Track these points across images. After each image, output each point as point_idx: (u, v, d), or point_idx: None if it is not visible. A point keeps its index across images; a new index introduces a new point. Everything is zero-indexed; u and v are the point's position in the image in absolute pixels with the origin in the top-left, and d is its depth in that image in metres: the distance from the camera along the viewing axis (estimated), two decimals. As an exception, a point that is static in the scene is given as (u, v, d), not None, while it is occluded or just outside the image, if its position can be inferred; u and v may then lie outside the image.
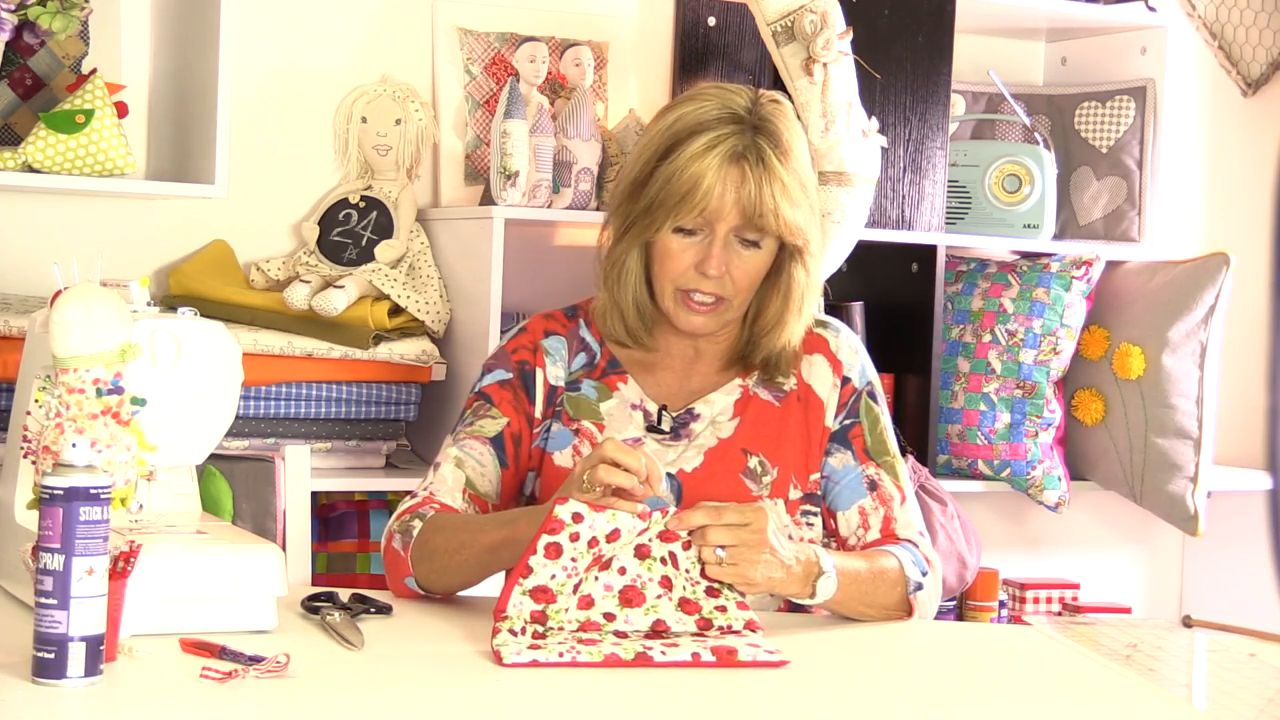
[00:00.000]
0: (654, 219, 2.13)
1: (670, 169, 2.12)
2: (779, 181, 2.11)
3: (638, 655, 1.84)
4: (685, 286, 2.16)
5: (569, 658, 1.81)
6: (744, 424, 2.22)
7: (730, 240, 2.13)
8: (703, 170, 2.10)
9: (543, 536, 1.90)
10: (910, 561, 2.14)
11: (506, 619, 1.88)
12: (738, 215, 2.12)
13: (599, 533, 1.90)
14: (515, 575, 1.90)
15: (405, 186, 3.14)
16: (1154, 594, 3.94)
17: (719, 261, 2.13)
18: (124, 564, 1.76)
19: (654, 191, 2.13)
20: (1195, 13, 3.90)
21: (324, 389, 2.99)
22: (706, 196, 2.10)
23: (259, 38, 3.14)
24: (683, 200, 2.10)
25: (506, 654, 1.81)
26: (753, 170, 2.11)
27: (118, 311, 1.84)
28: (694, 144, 2.11)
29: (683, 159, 2.11)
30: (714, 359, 2.26)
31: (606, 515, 1.91)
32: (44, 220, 3.01)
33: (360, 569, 3.03)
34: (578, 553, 1.90)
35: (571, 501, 1.91)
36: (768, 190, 2.10)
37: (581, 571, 1.91)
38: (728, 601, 1.95)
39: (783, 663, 1.86)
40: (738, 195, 2.10)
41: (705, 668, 1.84)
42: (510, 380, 2.25)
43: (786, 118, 2.17)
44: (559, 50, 3.29)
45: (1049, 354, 3.42)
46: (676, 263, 2.15)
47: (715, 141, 2.11)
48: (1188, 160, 3.91)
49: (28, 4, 2.78)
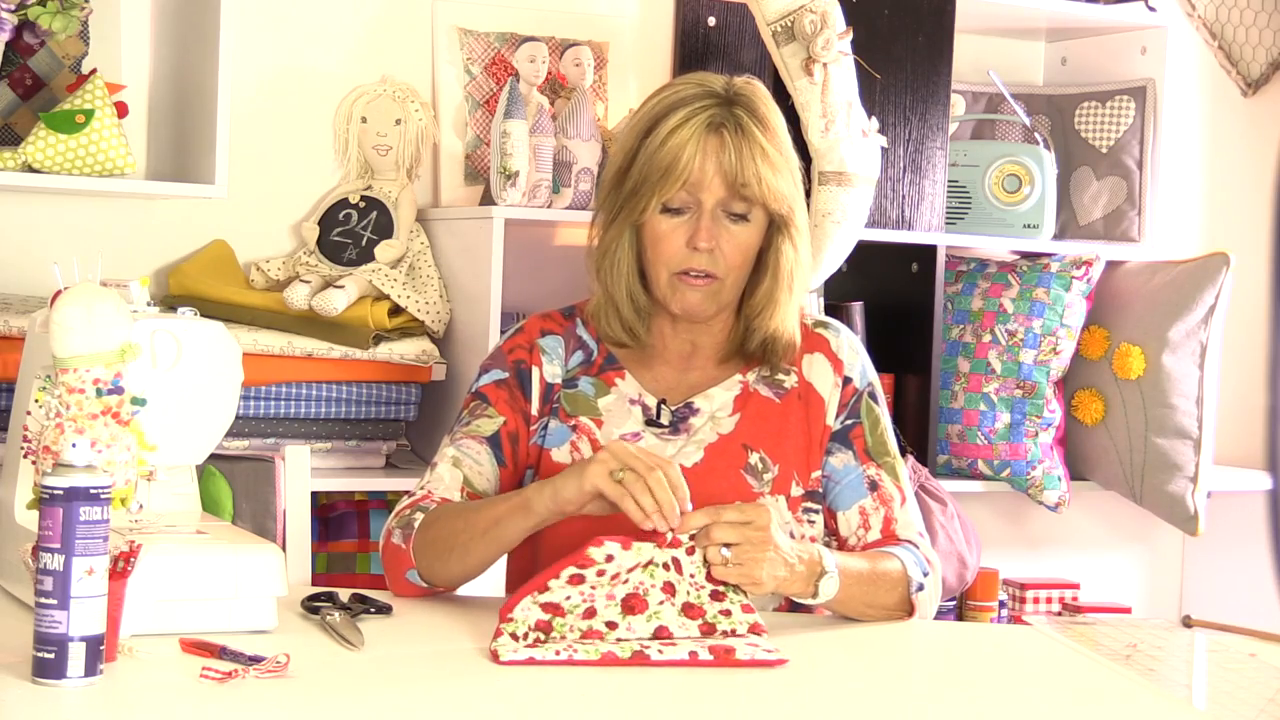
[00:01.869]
0: (640, 199, 2.16)
1: (650, 147, 2.15)
2: (758, 146, 2.15)
3: (634, 654, 1.84)
4: (679, 268, 2.17)
5: (565, 656, 1.82)
6: (744, 420, 2.22)
7: (719, 215, 2.16)
8: (682, 142, 2.13)
9: (569, 567, 1.90)
10: (912, 562, 2.15)
11: (511, 622, 1.87)
12: (722, 184, 2.14)
13: (622, 566, 1.92)
14: (530, 587, 1.90)
15: (405, 186, 3.14)
16: (1154, 594, 3.94)
17: (708, 233, 2.15)
18: (124, 564, 1.76)
19: (637, 172, 2.16)
20: (1195, 13, 3.90)
21: (324, 389, 2.99)
22: (688, 167, 2.13)
23: (259, 38, 3.14)
24: (665, 174, 2.13)
25: (503, 652, 1.82)
26: (732, 138, 2.14)
27: (118, 311, 1.84)
28: (672, 119, 2.15)
29: (662, 134, 2.15)
30: (711, 351, 2.26)
31: (633, 551, 1.92)
32: (44, 220, 3.00)
33: (360, 569, 3.03)
34: (598, 584, 1.91)
35: (607, 544, 1.91)
36: (748, 154, 2.14)
37: (596, 598, 1.92)
38: (732, 605, 1.94)
39: (780, 661, 1.86)
40: (719, 163, 2.13)
41: (703, 666, 1.84)
42: (507, 380, 2.25)
43: (762, 95, 2.21)
44: (559, 50, 3.28)
45: (1049, 354, 3.42)
46: (668, 244, 2.16)
47: (692, 114, 2.15)
48: (1188, 160, 3.91)
49: (28, 4, 2.78)
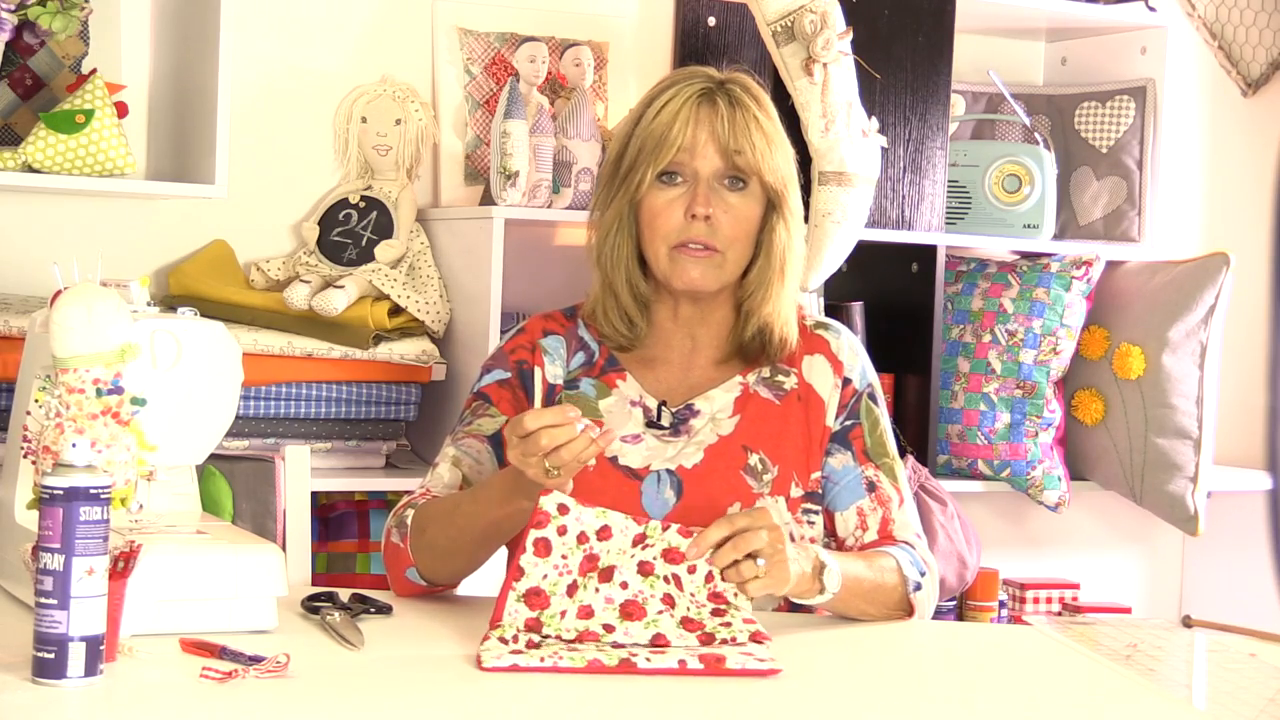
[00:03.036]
0: (635, 173, 2.18)
1: (644, 124, 2.19)
2: (752, 117, 2.18)
3: (622, 662, 1.81)
4: (677, 240, 2.17)
5: (550, 663, 1.80)
6: (744, 421, 2.22)
7: (715, 185, 2.17)
8: (674, 111, 2.17)
9: (531, 532, 1.89)
10: (908, 562, 2.15)
11: (500, 627, 1.86)
12: (716, 152, 2.16)
13: (588, 528, 1.89)
14: (509, 580, 1.89)
15: (405, 186, 3.14)
16: (1154, 594, 3.94)
17: (704, 200, 2.16)
18: (124, 564, 1.77)
19: (632, 150, 2.19)
20: (1195, 13, 3.90)
21: (324, 389, 2.99)
22: (681, 133, 2.16)
23: (259, 38, 3.14)
24: (659, 144, 2.16)
25: (487, 658, 1.80)
26: (725, 108, 2.18)
27: (118, 311, 1.84)
28: (664, 96, 2.20)
29: (654, 109, 2.19)
30: (711, 350, 2.26)
31: (594, 511, 1.90)
32: (44, 220, 3.00)
33: (360, 569, 3.03)
34: (567, 549, 1.89)
35: (555, 493, 1.90)
36: (741, 123, 2.16)
37: (575, 572, 1.90)
38: (733, 618, 1.92)
39: (773, 671, 1.82)
40: (712, 129, 2.16)
41: (692, 675, 1.81)
42: (509, 380, 2.25)
43: (754, 82, 2.24)
44: (559, 50, 3.28)
45: (1049, 354, 3.42)
46: (665, 218, 2.17)
47: (684, 89, 2.19)
48: (1188, 160, 3.91)
49: (28, 4, 2.78)
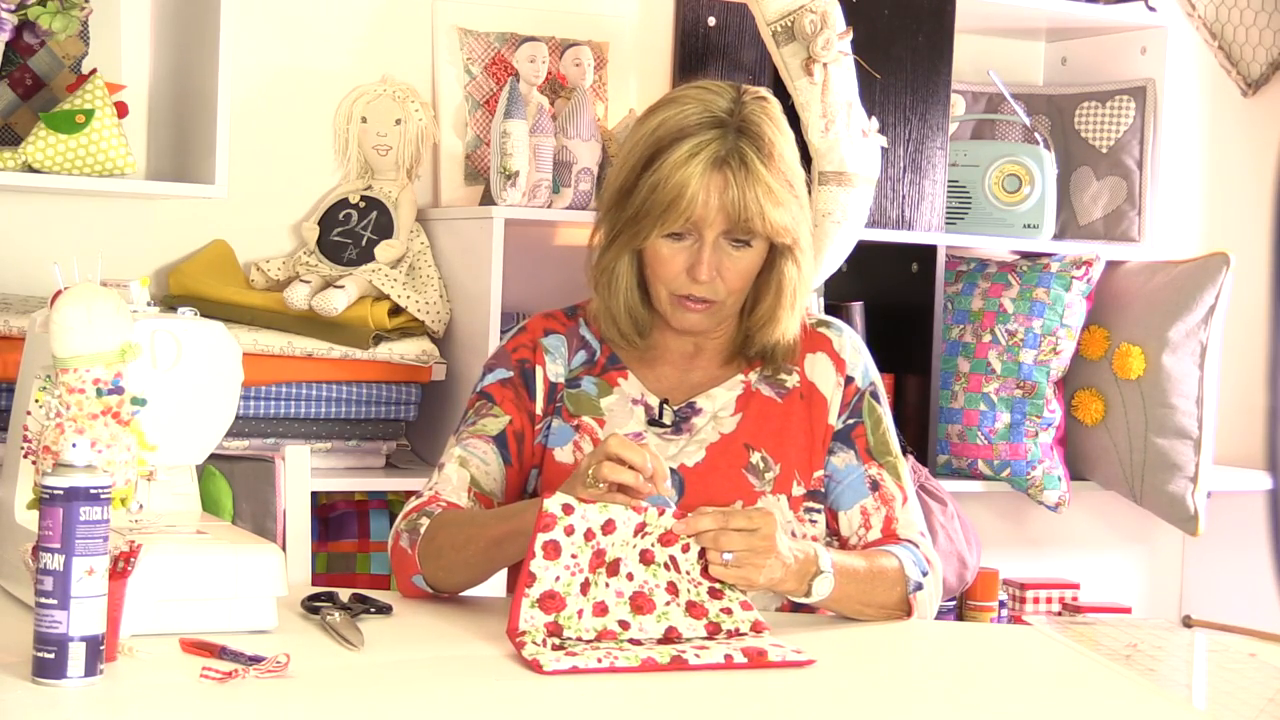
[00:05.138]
0: (641, 228, 2.13)
1: (654, 179, 2.11)
2: (763, 184, 2.11)
3: (673, 659, 1.83)
4: (678, 292, 2.16)
5: (607, 664, 1.81)
6: (746, 420, 2.22)
7: (720, 243, 2.13)
8: (685, 179, 2.09)
9: (538, 536, 1.89)
10: (911, 561, 2.15)
11: (525, 634, 1.86)
12: (724, 220, 2.11)
13: (593, 524, 1.90)
14: (521, 586, 1.89)
15: (405, 186, 3.14)
16: (1154, 594, 3.94)
17: (709, 267, 2.13)
18: (124, 564, 1.76)
19: (639, 201, 2.13)
20: (1195, 13, 3.90)
21: (324, 389, 2.99)
22: (691, 205, 2.10)
23: (259, 38, 3.14)
24: (668, 209, 2.10)
25: (546, 662, 1.80)
26: (735, 175, 2.10)
27: (118, 311, 1.84)
28: (676, 152, 2.10)
29: (665, 168, 2.10)
30: (714, 353, 2.26)
31: (597, 507, 1.91)
32: (44, 220, 3.00)
33: (360, 569, 3.03)
34: (576, 548, 1.90)
35: (558, 494, 1.91)
36: (751, 195, 2.10)
37: (586, 569, 1.90)
38: (732, 604, 1.95)
39: (809, 662, 1.87)
40: (721, 201, 2.10)
41: (738, 669, 1.84)
42: (511, 379, 2.25)
43: (770, 116, 2.16)
44: (559, 50, 3.28)
45: (1049, 354, 3.42)
46: (668, 268, 2.15)
47: (697, 149, 2.10)
48: (1188, 160, 3.91)
49: (28, 4, 2.78)
